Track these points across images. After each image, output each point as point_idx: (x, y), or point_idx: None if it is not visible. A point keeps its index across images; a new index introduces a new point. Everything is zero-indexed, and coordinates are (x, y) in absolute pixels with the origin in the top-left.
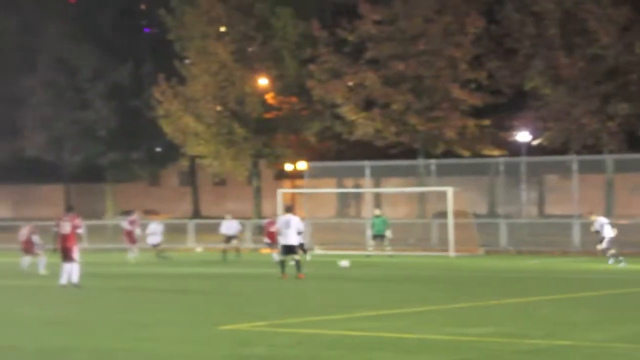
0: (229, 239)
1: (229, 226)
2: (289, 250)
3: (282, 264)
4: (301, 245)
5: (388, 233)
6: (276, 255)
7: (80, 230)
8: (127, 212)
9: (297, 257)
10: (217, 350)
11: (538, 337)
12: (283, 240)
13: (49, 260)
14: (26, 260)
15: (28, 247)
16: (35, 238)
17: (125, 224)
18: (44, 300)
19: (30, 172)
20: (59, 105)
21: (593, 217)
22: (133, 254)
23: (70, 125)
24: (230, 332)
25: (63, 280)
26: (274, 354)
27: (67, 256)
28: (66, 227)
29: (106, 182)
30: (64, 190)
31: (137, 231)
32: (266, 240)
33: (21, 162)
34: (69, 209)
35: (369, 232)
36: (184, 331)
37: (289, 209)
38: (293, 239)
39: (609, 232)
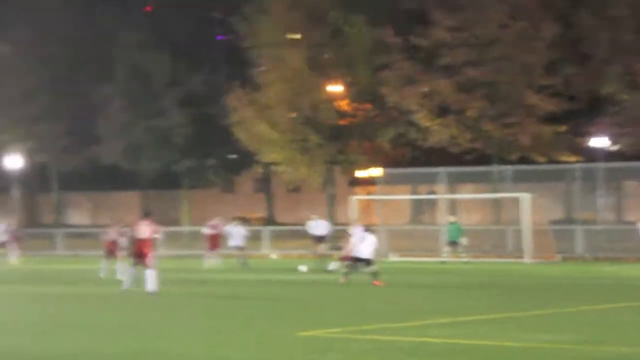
0: (319, 239)
1: (317, 226)
2: (359, 261)
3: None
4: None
5: (463, 240)
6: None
7: (157, 236)
8: (240, 218)
9: (373, 268)
10: (293, 356)
11: (617, 344)
12: (357, 253)
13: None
14: (107, 264)
15: (112, 249)
16: (122, 241)
17: (206, 229)
18: (122, 306)
19: (107, 179)
20: (135, 113)
21: None
22: (211, 260)
23: (146, 133)
24: (306, 338)
25: (127, 285)
26: None
27: (143, 262)
28: (144, 232)
29: (181, 188)
30: (140, 197)
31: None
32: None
33: (98, 170)
34: (147, 214)
35: (444, 239)
36: (261, 337)
37: (368, 229)
38: (366, 252)
39: None
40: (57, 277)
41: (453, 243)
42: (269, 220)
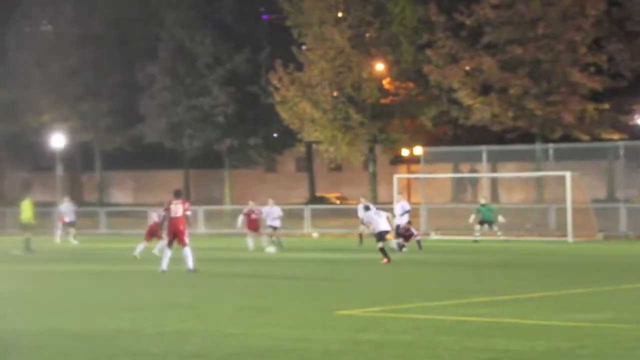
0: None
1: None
2: (382, 235)
3: (383, 250)
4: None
5: (500, 218)
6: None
7: (189, 213)
8: (320, 198)
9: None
10: (332, 335)
11: None
12: (378, 228)
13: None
14: (159, 245)
15: (154, 231)
16: (160, 221)
17: (240, 219)
18: (164, 285)
19: (149, 158)
20: (178, 92)
21: None
22: (252, 240)
23: (189, 112)
24: (345, 317)
25: (165, 265)
26: (390, 340)
27: (179, 239)
28: (178, 211)
29: (224, 168)
30: (183, 176)
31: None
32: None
33: (141, 149)
34: (178, 193)
35: (473, 217)
36: (299, 316)
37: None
38: (384, 226)
39: None
40: (100, 256)
41: (486, 222)
42: (311, 199)
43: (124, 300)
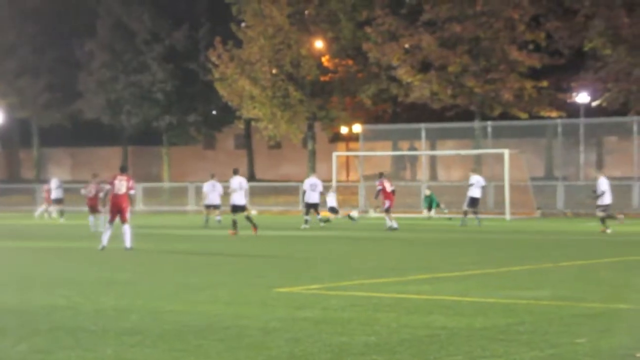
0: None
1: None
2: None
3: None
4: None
5: (442, 206)
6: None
7: (133, 192)
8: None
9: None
10: (271, 312)
11: (595, 300)
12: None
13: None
14: (92, 219)
15: (94, 205)
16: (102, 195)
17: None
18: (102, 262)
19: (88, 135)
20: (116, 68)
21: None
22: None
23: (128, 89)
24: (284, 294)
25: (105, 242)
26: (329, 317)
27: (121, 216)
28: (122, 187)
29: (162, 145)
30: (121, 153)
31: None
32: None
33: (79, 125)
34: (124, 169)
35: (422, 197)
36: (238, 294)
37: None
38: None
39: None
40: (37, 233)
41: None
42: (250, 177)
43: (61, 277)
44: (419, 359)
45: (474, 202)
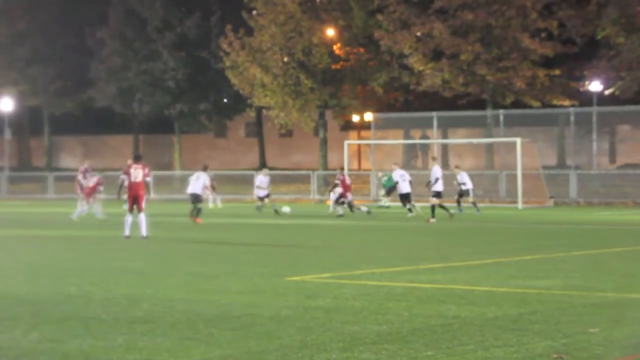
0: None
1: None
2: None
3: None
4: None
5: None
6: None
7: (149, 179)
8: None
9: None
10: (282, 301)
11: (607, 289)
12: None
13: (108, 210)
14: (83, 206)
15: (90, 193)
16: (101, 189)
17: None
18: (113, 251)
19: (99, 123)
20: (128, 56)
21: None
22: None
23: (139, 76)
24: (296, 283)
25: (127, 231)
26: (340, 306)
27: (138, 205)
28: (138, 176)
29: (174, 133)
30: (133, 141)
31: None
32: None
33: (90, 114)
34: (138, 157)
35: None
36: (249, 282)
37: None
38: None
39: None
40: (48, 221)
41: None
42: (261, 165)
43: (71, 266)
44: (431, 348)
45: (403, 197)
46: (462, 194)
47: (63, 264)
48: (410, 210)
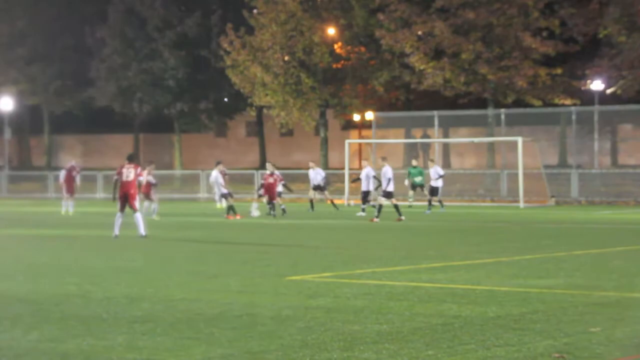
0: (316, 187)
1: (313, 176)
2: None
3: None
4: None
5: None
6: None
7: (142, 178)
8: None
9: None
10: (283, 300)
11: (609, 289)
12: None
13: (107, 210)
14: (146, 205)
15: (147, 191)
16: (150, 178)
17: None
18: (112, 250)
19: (99, 122)
20: (128, 55)
21: None
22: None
23: (139, 75)
24: (296, 283)
25: (117, 231)
26: (341, 305)
27: (130, 204)
28: (130, 175)
29: (174, 132)
30: (133, 140)
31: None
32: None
33: (91, 113)
34: (131, 157)
35: (407, 182)
36: (250, 282)
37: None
38: None
39: None
40: (48, 220)
41: (418, 186)
42: (262, 165)
43: (71, 265)
44: (432, 348)
45: (364, 195)
46: (433, 191)
47: (62, 263)
48: (363, 210)
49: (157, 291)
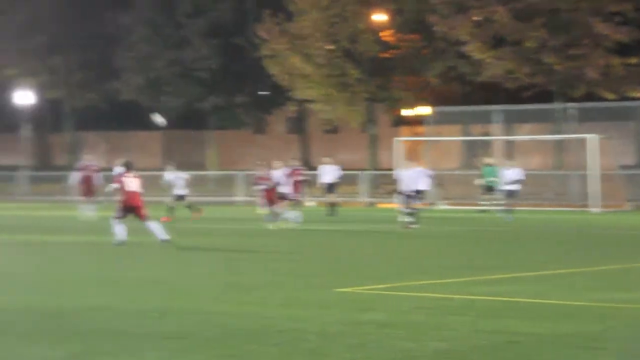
0: (329, 187)
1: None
2: None
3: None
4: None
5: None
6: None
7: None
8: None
9: None
10: (330, 315)
11: None
12: None
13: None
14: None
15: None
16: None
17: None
18: (141, 259)
19: (125, 117)
20: (156, 44)
21: None
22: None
23: (169, 66)
24: (346, 295)
25: (122, 236)
26: (397, 320)
27: (139, 215)
28: (133, 184)
29: (207, 129)
30: (161, 138)
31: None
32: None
33: (116, 107)
34: (129, 165)
35: (479, 182)
36: (294, 294)
37: None
38: None
39: None
40: (70, 226)
41: (490, 189)
42: (304, 164)
43: (97, 275)
44: None
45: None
46: (511, 195)
47: (86, 273)
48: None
49: (191, 304)
